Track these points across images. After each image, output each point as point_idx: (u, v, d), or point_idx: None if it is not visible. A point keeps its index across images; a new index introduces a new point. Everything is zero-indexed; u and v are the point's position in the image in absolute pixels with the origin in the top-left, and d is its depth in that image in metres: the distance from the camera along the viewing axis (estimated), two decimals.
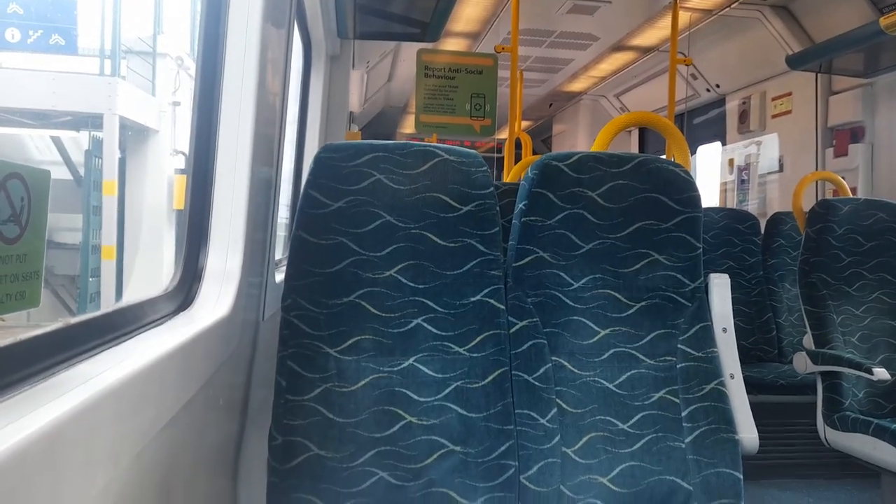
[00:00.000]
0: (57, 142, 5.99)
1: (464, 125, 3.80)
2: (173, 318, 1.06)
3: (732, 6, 3.86)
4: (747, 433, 1.34)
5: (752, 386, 1.45)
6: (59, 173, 5.77)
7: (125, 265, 5.79)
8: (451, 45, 4.99)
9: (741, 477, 1.30)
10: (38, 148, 6.01)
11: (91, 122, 5.50)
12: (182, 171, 6.21)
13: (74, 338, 0.75)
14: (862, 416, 2.06)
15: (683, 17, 3.94)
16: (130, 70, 6.13)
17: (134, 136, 6.01)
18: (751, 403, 1.38)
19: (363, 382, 1.23)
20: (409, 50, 4.68)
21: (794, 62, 3.68)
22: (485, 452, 1.24)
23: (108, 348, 0.81)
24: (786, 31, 3.91)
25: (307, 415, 1.19)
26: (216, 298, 1.16)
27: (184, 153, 6.28)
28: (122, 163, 5.82)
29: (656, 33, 4.52)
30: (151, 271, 5.67)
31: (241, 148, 1.25)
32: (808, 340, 2.30)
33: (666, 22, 4.05)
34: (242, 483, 1.33)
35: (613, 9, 4.07)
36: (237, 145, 1.25)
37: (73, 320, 0.77)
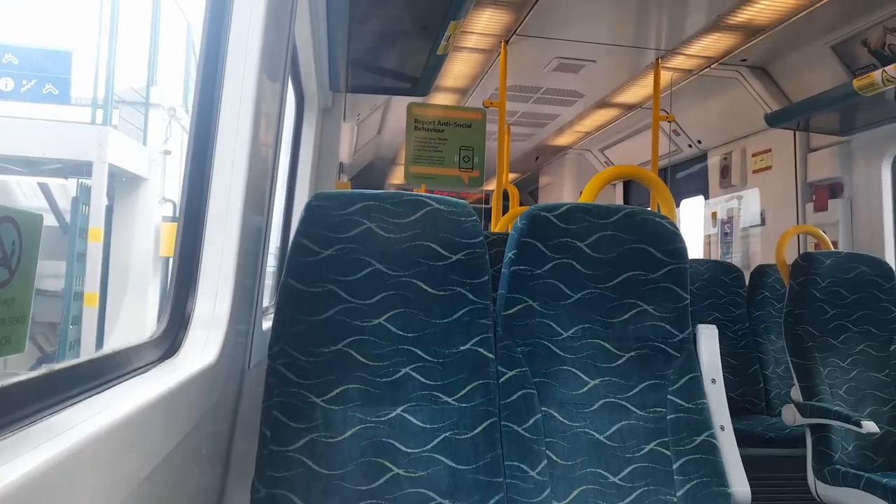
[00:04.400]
0: (45, 188, 5.99)
1: (452, 176, 3.85)
2: (158, 366, 1.04)
3: (712, 67, 4.01)
4: (739, 486, 1.32)
5: (741, 439, 1.44)
6: (46, 220, 5.74)
7: (108, 312, 5.71)
8: (441, 99, 5.10)
9: None
10: (24, 195, 6.00)
11: (81, 169, 5.51)
12: (170, 219, 6.21)
13: (56, 385, 0.74)
14: (852, 470, 2.04)
15: (665, 77, 4.08)
16: (123, 119, 6.20)
17: (123, 183, 6.03)
18: (741, 456, 1.36)
19: (350, 433, 1.20)
20: (400, 103, 4.78)
21: (773, 120, 3.80)
22: None
23: (90, 396, 0.79)
24: (764, 90, 4.05)
25: (292, 466, 1.16)
26: (202, 346, 1.15)
27: (172, 201, 6.29)
28: (110, 210, 5.81)
29: (639, 91, 4.66)
30: (135, 319, 5.59)
31: (233, 197, 1.26)
32: (795, 393, 2.30)
33: (648, 81, 4.18)
34: None
35: (598, 68, 4.21)
36: (229, 194, 1.26)
37: (57, 367, 0.76)
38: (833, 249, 3.16)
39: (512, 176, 7.46)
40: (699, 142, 5.09)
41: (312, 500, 1.15)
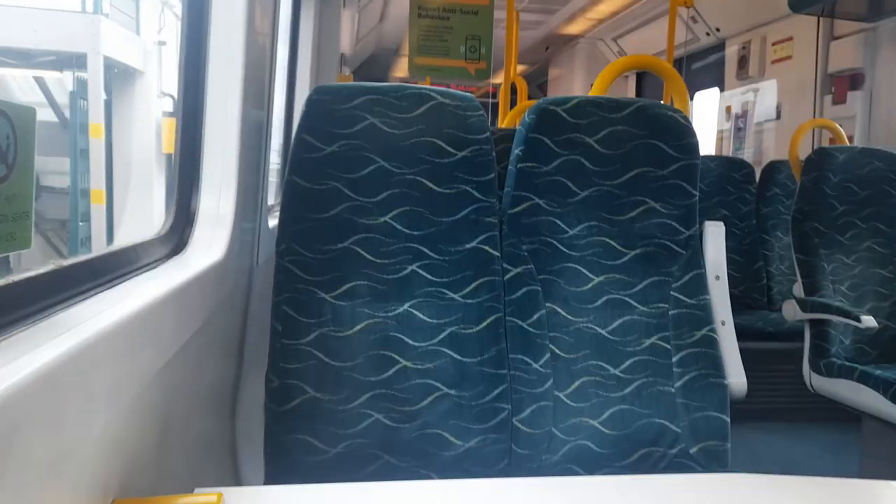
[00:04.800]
0: (40, 82, 5.84)
1: (458, 68, 3.72)
2: (167, 262, 1.05)
3: None
4: (736, 378, 1.37)
5: (741, 333, 1.47)
6: (44, 115, 5.65)
7: (115, 209, 5.74)
8: None
9: (728, 420, 1.33)
10: (21, 88, 5.86)
11: (75, 61, 5.34)
12: (170, 114, 6.09)
13: (69, 280, 0.75)
14: (847, 363, 2.10)
15: None
16: (113, 7, 5.92)
17: (119, 76, 5.86)
18: (740, 350, 1.40)
19: (358, 327, 1.23)
20: None
21: (797, 5, 3.59)
22: (478, 396, 1.26)
23: (103, 290, 0.81)
24: None
25: (303, 358, 1.20)
26: (209, 242, 1.15)
27: (171, 95, 6.14)
28: (109, 105, 5.69)
29: None
30: (142, 215, 5.63)
31: (231, 90, 1.22)
32: (797, 288, 2.33)
33: None
34: (240, 423, 1.35)
35: None
36: (226, 88, 1.22)
37: (67, 262, 0.76)
38: (848, 144, 3.08)
39: (520, 68, 7.21)
40: (718, 29, 4.85)
41: (324, 389, 1.20)
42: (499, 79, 4.19)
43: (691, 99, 5.13)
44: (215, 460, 1.24)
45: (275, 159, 2.53)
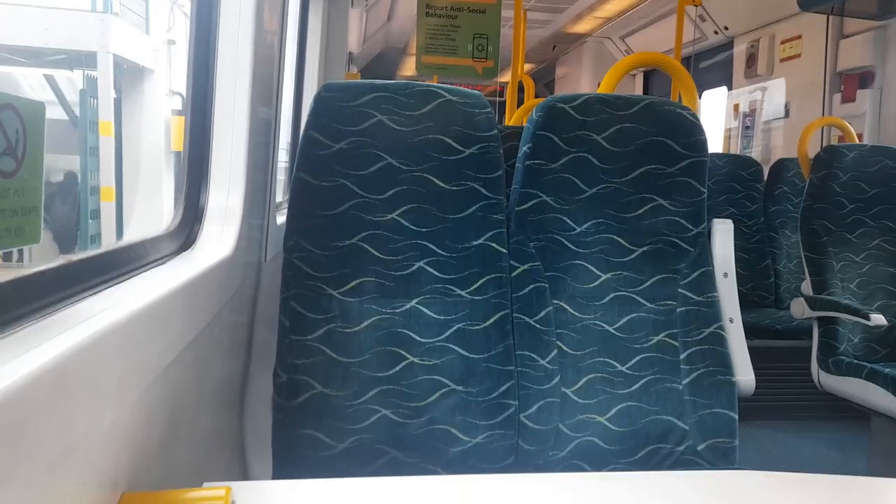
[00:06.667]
0: (51, 80, 5.88)
1: (466, 67, 3.72)
2: (176, 258, 1.06)
3: None
4: (744, 376, 1.36)
5: (749, 331, 1.46)
6: (55, 113, 5.69)
7: (125, 207, 5.77)
8: None
9: (736, 417, 1.33)
10: (31, 86, 5.90)
11: (85, 60, 5.37)
12: (179, 112, 6.11)
13: (77, 275, 0.75)
14: (856, 361, 2.09)
15: None
16: (123, 6, 5.95)
17: (129, 74, 5.88)
18: (748, 347, 1.40)
19: (366, 323, 1.24)
20: None
21: (806, 3, 3.57)
22: (485, 392, 1.26)
23: (111, 286, 0.81)
24: None
25: (311, 354, 1.20)
26: (218, 239, 1.16)
27: (180, 94, 6.16)
28: (118, 103, 5.72)
29: None
30: (151, 213, 5.66)
31: (240, 88, 1.23)
32: (806, 286, 2.32)
33: None
34: (248, 419, 1.36)
35: None
36: (235, 85, 1.23)
37: (76, 258, 0.77)
38: (857, 143, 3.06)
39: (528, 67, 7.20)
40: (726, 28, 4.82)
41: (331, 385, 1.20)
42: (506, 77, 4.18)
43: (699, 97, 5.11)
44: (224, 455, 1.25)
45: (283, 156, 2.54)
